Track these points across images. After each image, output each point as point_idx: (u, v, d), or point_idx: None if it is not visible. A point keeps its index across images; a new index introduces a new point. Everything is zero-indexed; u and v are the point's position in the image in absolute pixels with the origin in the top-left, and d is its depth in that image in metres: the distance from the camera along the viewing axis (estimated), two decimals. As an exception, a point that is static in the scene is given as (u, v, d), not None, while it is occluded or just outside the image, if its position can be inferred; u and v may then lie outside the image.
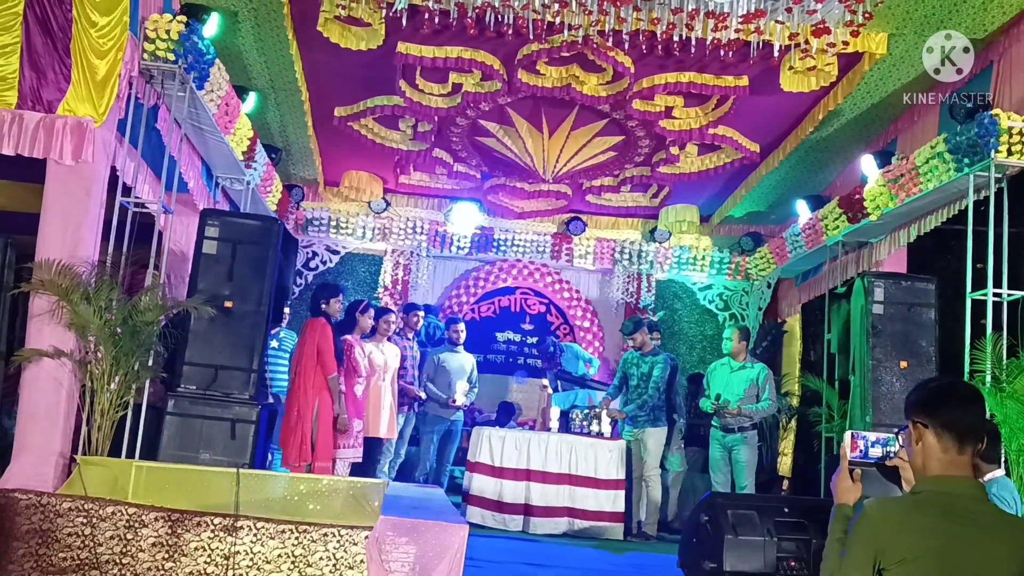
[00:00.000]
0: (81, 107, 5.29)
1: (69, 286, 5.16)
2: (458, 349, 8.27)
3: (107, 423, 5.34)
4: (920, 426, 2.16)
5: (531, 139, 8.48)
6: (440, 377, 8.02)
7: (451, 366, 8.12)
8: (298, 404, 6.41)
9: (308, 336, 6.53)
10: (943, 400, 2.19)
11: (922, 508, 2.06)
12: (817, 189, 9.00)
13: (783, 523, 4.01)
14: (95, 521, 4.68)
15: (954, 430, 2.13)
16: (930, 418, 2.16)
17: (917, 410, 2.19)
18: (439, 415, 7.96)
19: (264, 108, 7.97)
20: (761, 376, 7.12)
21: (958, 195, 6.55)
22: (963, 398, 2.20)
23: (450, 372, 8.06)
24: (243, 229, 6.09)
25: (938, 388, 2.24)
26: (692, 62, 6.76)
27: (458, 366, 8.16)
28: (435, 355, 8.19)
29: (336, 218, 10.43)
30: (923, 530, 2.02)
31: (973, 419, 2.17)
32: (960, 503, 2.07)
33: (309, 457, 6.39)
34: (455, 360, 8.20)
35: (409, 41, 6.77)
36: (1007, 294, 5.82)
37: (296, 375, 6.51)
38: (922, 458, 2.16)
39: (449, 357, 8.17)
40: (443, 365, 8.10)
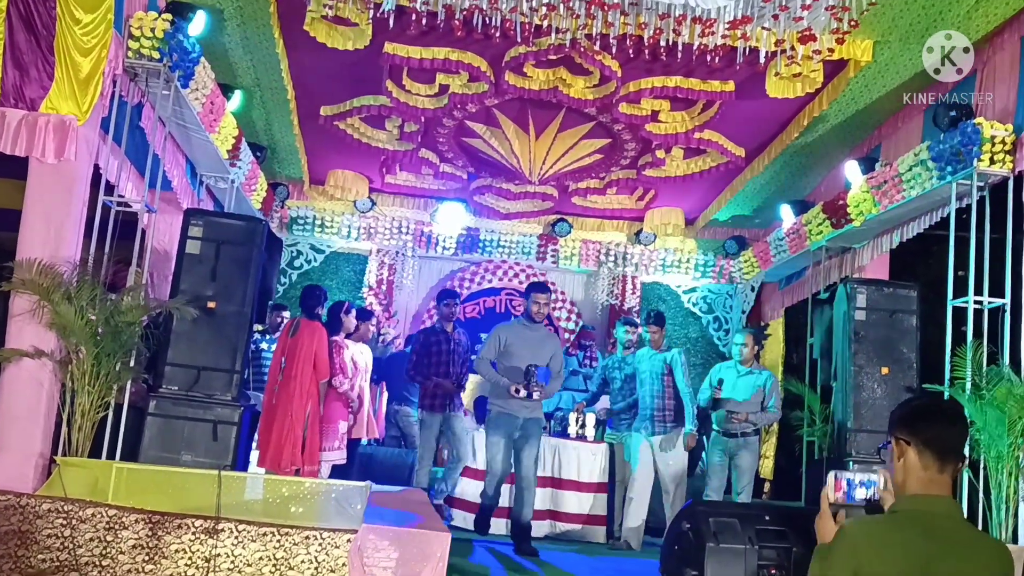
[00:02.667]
0: (64, 105, 5.25)
1: (50, 286, 5.12)
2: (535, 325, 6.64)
3: (88, 424, 5.30)
4: (903, 443, 2.18)
5: (518, 141, 8.48)
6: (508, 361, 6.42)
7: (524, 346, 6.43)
8: (292, 408, 6.46)
9: (306, 339, 6.60)
10: (926, 418, 2.21)
11: (901, 527, 2.08)
12: (801, 194, 9.05)
13: (765, 531, 4.03)
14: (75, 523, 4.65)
15: (935, 448, 2.15)
16: (913, 435, 2.17)
17: (900, 427, 2.21)
18: (508, 412, 6.40)
19: (249, 106, 7.93)
20: (768, 383, 6.99)
21: (941, 202, 6.61)
22: (946, 417, 2.22)
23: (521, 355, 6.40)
24: (227, 229, 6.04)
25: (922, 406, 2.27)
26: (679, 67, 6.78)
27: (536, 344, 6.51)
28: (501, 332, 6.56)
29: (321, 217, 10.39)
30: (902, 549, 2.03)
31: (954, 438, 2.19)
32: (938, 522, 2.09)
33: (299, 461, 6.42)
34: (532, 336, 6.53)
35: (396, 41, 6.75)
36: (987, 302, 5.87)
37: (290, 378, 6.54)
38: (903, 475, 2.18)
39: (523, 332, 6.50)
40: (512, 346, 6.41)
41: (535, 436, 6.47)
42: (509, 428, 6.36)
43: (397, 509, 4.64)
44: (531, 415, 6.40)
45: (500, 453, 6.37)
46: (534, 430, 6.45)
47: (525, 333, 6.50)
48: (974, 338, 5.73)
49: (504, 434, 6.37)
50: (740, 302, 10.81)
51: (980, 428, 5.38)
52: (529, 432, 6.41)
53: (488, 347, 6.53)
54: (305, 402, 6.52)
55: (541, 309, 6.56)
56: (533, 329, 6.53)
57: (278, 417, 6.55)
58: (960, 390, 5.54)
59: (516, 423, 6.36)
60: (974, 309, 5.88)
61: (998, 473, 5.28)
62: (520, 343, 6.41)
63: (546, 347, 6.52)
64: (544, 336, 6.64)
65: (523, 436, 6.39)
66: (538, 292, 6.68)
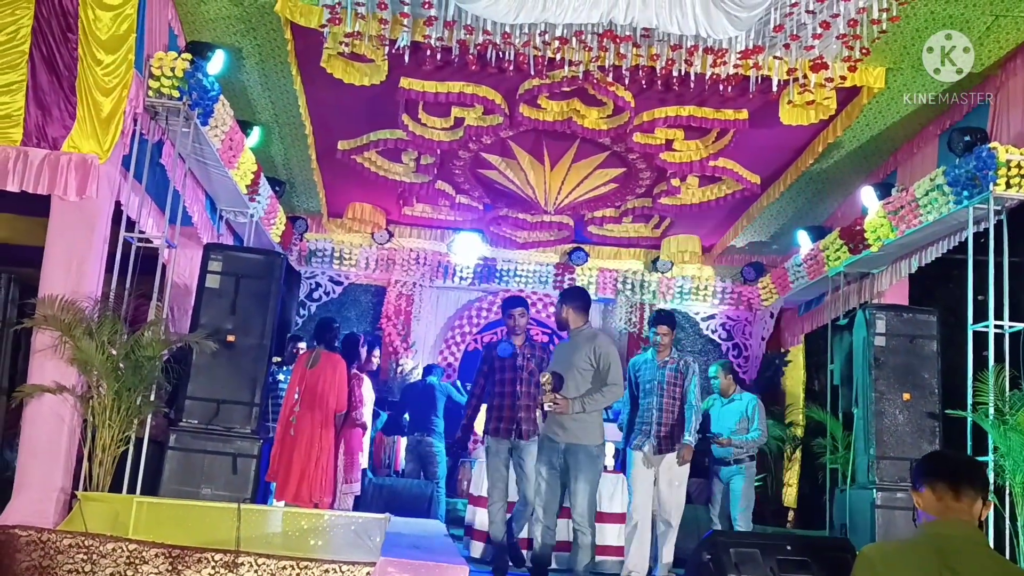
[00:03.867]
0: (86, 144, 5.35)
1: (72, 321, 5.18)
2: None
3: (108, 458, 5.34)
4: (918, 490, 2.29)
5: (533, 171, 8.54)
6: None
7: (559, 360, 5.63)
8: (315, 439, 6.57)
9: (328, 371, 6.70)
10: (930, 458, 2.36)
11: (916, 549, 2.12)
12: (818, 220, 9.03)
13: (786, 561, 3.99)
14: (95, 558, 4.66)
15: (945, 479, 2.23)
16: (922, 476, 2.29)
17: (914, 478, 2.34)
18: (547, 434, 5.49)
19: (268, 142, 8.05)
20: (750, 407, 7.07)
21: (958, 227, 6.58)
22: (948, 455, 2.39)
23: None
24: (246, 263, 6.12)
25: (928, 455, 2.43)
26: (692, 96, 6.83)
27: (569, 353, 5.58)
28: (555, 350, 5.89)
29: (339, 249, 10.48)
30: (917, 568, 2.05)
31: (962, 465, 2.28)
32: (954, 544, 2.12)
33: (320, 493, 6.54)
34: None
35: (412, 76, 6.85)
36: (1008, 326, 5.82)
37: (312, 409, 6.63)
38: (924, 516, 2.26)
39: (560, 346, 5.82)
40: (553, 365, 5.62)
41: (582, 468, 5.22)
42: (549, 454, 5.33)
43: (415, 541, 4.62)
44: (574, 440, 5.24)
45: (544, 483, 5.35)
46: (580, 459, 5.23)
47: (562, 346, 5.72)
48: (996, 363, 5.68)
49: (545, 461, 5.36)
50: (759, 328, 10.75)
51: (1005, 454, 5.31)
52: (572, 461, 5.25)
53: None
54: (328, 433, 6.63)
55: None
56: (570, 338, 5.61)
57: (300, 449, 6.58)
58: (983, 415, 5.48)
59: (556, 449, 5.31)
60: (995, 333, 5.83)
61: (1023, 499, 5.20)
62: (556, 358, 5.62)
63: (579, 355, 5.37)
64: (579, 343, 5.46)
65: (567, 467, 5.28)
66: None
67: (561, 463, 5.30)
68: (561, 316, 5.69)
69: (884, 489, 6.03)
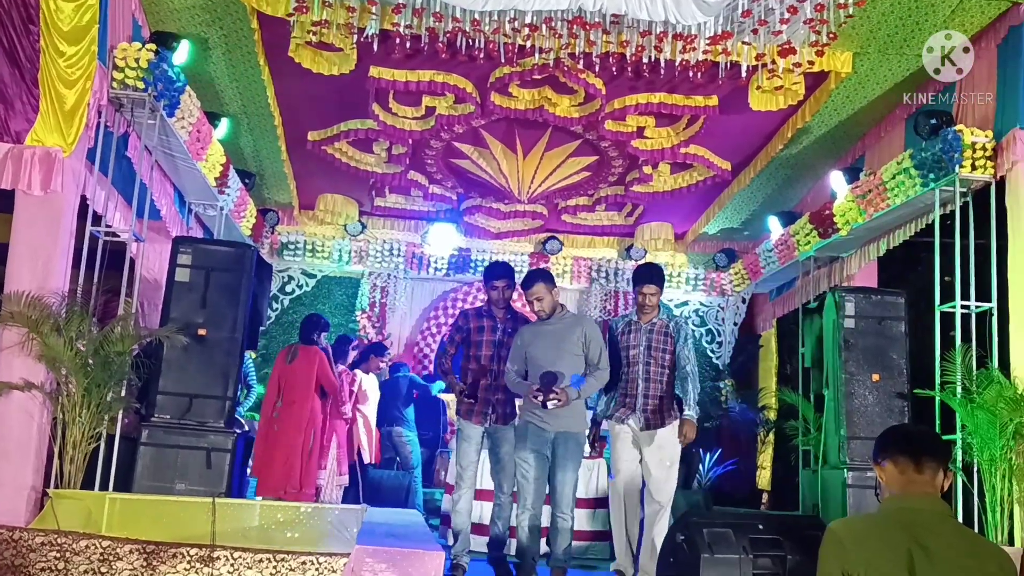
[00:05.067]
0: (50, 137, 5.27)
1: (39, 318, 5.11)
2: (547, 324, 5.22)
3: (80, 455, 5.28)
4: (880, 464, 2.32)
5: (505, 160, 8.53)
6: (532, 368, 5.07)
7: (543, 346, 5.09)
8: (296, 434, 6.70)
9: (305, 365, 6.85)
10: (891, 432, 2.40)
11: (883, 523, 2.13)
12: (788, 205, 9.11)
13: (759, 540, 4.04)
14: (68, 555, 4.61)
15: (906, 451, 2.27)
16: (884, 450, 2.33)
17: (875, 453, 2.37)
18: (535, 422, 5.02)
19: (237, 133, 7.96)
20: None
21: (925, 209, 6.67)
22: (908, 428, 2.50)
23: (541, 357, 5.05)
24: (216, 256, 6.07)
25: (886, 430, 2.48)
26: (662, 83, 6.84)
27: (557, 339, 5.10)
28: (520, 335, 5.19)
29: (312, 242, 10.41)
30: (882, 543, 2.07)
31: (922, 437, 2.32)
32: (922, 518, 2.13)
33: (299, 486, 6.69)
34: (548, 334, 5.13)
35: (381, 65, 6.80)
36: (975, 306, 5.92)
37: (291, 403, 6.78)
38: (887, 489, 2.29)
39: (539, 329, 5.16)
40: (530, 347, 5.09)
41: (571, 456, 5.00)
42: (537, 443, 4.99)
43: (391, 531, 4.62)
44: (564, 427, 4.97)
45: (532, 472, 4.97)
46: (569, 448, 4.98)
47: (541, 329, 5.12)
48: (963, 342, 5.77)
49: (532, 449, 5.00)
50: (732, 314, 10.84)
51: (972, 431, 5.40)
52: (561, 450, 4.98)
53: (512, 357, 5.16)
54: (309, 427, 6.75)
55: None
56: (551, 323, 5.12)
57: (281, 444, 6.70)
58: (951, 394, 5.57)
59: (545, 437, 4.98)
60: (962, 314, 5.92)
61: (991, 476, 5.29)
62: (538, 343, 5.05)
63: (570, 339, 5.04)
64: (566, 327, 5.11)
65: (554, 455, 5.00)
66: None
67: (548, 451, 4.99)
68: (552, 300, 5.19)
69: (855, 468, 6.11)
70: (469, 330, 5.45)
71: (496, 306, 5.46)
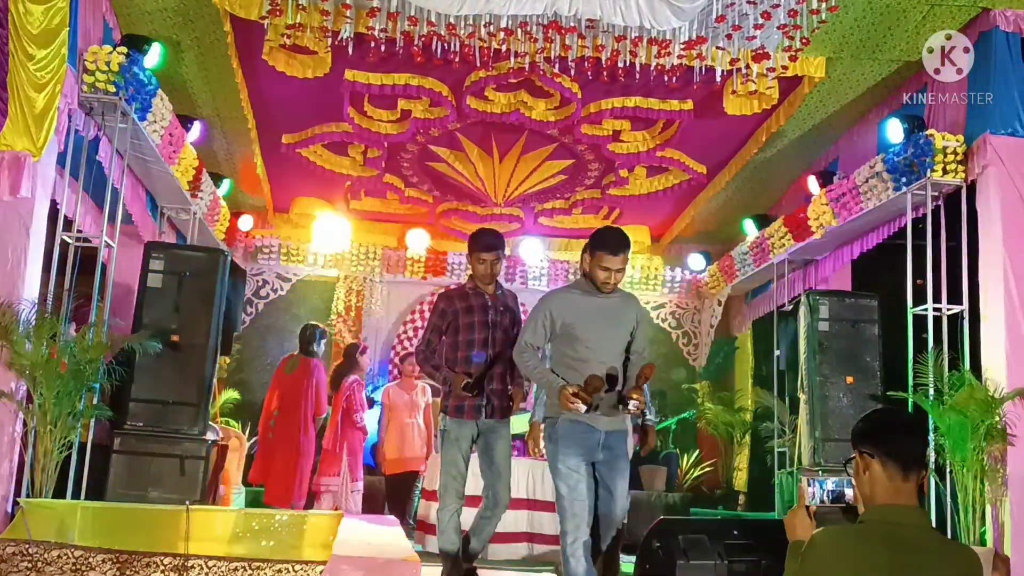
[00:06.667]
0: (19, 141, 5.17)
1: (9, 325, 5.03)
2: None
3: (51, 464, 5.20)
4: (866, 456, 2.22)
5: (482, 164, 8.52)
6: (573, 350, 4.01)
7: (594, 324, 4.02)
8: (295, 443, 6.86)
9: (305, 377, 7.01)
10: (887, 430, 2.25)
11: (868, 537, 2.10)
12: (764, 208, 9.18)
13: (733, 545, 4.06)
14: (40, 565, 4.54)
15: (898, 459, 2.19)
16: (875, 447, 2.21)
17: (863, 440, 2.24)
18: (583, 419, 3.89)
19: (210, 137, 7.89)
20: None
21: (897, 213, 6.74)
22: (906, 427, 2.28)
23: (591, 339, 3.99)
24: (189, 261, 6.02)
25: (883, 418, 2.32)
26: (637, 87, 6.87)
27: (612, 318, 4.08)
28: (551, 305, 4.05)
29: (287, 245, 10.33)
30: (865, 560, 2.05)
31: (916, 447, 2.24)
32: (905, 532, 2.11)
33: (301, 495, 6.87)
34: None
35: (356, 68, 6.77)
36: (947, 308, 5.98)
37: (289, 413, 6.95)
38: (869, 487, 2.21)
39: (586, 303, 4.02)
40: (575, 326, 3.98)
41: (627, 459, 4.02)
42: (587, 444, 3.87)
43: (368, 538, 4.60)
44: (618, 425, 3.97)
45: (583, 484, 3.81)
46: (626, 449, 4.03)
47: (594, 303, 3.98)
48: (935, 345, 5.83)
49: (581, 453, 3.86)
50: (708, 316, 10.90)
51: (944, 433, 5.46)
52: (616, 452, 3.95)
53: (532, 328, 4.02)
54: (307, 437, 6.93)
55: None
56: (606, 296, 3.99)
57: (279, 452, 6.90)
58: (923, 396, 5.62)
59: (595, 438, 3.88)
60: (934, 316, 5.99)
61: (963, 477, 5.35)
62: (586, 320, 3.94)
63: (623, 321, 4.03)
64: (622, 304, 4.07)
65: (607, 461, 3.92)
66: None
67: (601, 455, 3.89)
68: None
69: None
70: (456, 313, 4.59)
71: (482, 282, 4.62)
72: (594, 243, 3.99)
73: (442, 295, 4.80)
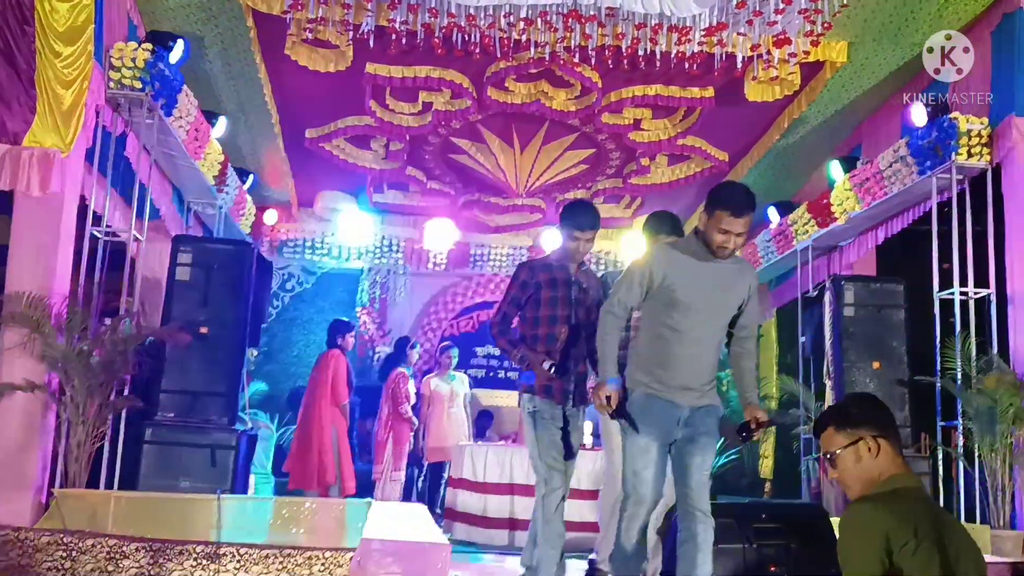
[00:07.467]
0: (48, 138, 5.27)
1: (40, 318, 5.12)
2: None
3: (84, 455, 5.29)
4: (877, 438, 2.27)
5: (503, 155, 8.53)
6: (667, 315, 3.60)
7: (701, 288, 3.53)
8: (315, 433, 7.07)
9: (323, 369, 7.20)
10: (882, 409, 2.35)
11: (904, 498, 2.17)
12: (787, 195, 9.12)
13: (762, 529, 4.06)
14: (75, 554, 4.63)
15: (896, 433, 2.31)
16: (881, 428, 2.29)
17: (869, 424, 2.29)
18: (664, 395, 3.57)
19: (235, 132, 7.96)
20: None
21: (922, 197, 6.68)
22: (885, 405, 2.38)
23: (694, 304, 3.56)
24: (216, 254, 6.09)
25: (870, 401, 2.40)
26: (658, 75, 6.85)
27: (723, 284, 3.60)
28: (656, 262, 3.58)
29: (311, 239, 10.42)
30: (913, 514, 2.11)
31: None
32: (923, 491, 2.24)
33: (324, 482, 7.00)
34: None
35: (377, 62, 6.81)
36: (973, 292, 5.94)
37: (309, 405, 7.18)
38: (877, 467, 2.25)
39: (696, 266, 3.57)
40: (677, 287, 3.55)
41: (711, 437, 3.55)
42: (666, 422, 3.48)
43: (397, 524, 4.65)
44: (703, 401, 3.55)
45: (651, 466, 3.46)
46: (709, 426, 3.55)
47: (698, 267, 3.52)
48: (962, 329, 5.79)
49: (657, 433, 3.48)
50: (731, 305, 10.84)
51: (972, 417, 5.43)
52: (700, 429, 3.52)
53: (627, 285, 3.57)
54: (328, 426, 7.07)
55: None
56: (715, 260, 3.52)
57: (298, 441, 7.24)
58: (951, 380, 5.59)
59: (675, 416, 3.49)
60: (960, 300, 5.94)
61: (992, 460, 5.32)
62: (689, 283, 3.50)
63: (736, 290, 3.59)
64: (737, 271, 3.61)
65: (688, 437, 3.50)
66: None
67: (681, 433, 3.49)
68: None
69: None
70: (538, 285, 4.16)
71: (570, 259, 4.21)
72: (714, 200, 3.46)
73: (523, 265, 4.33)
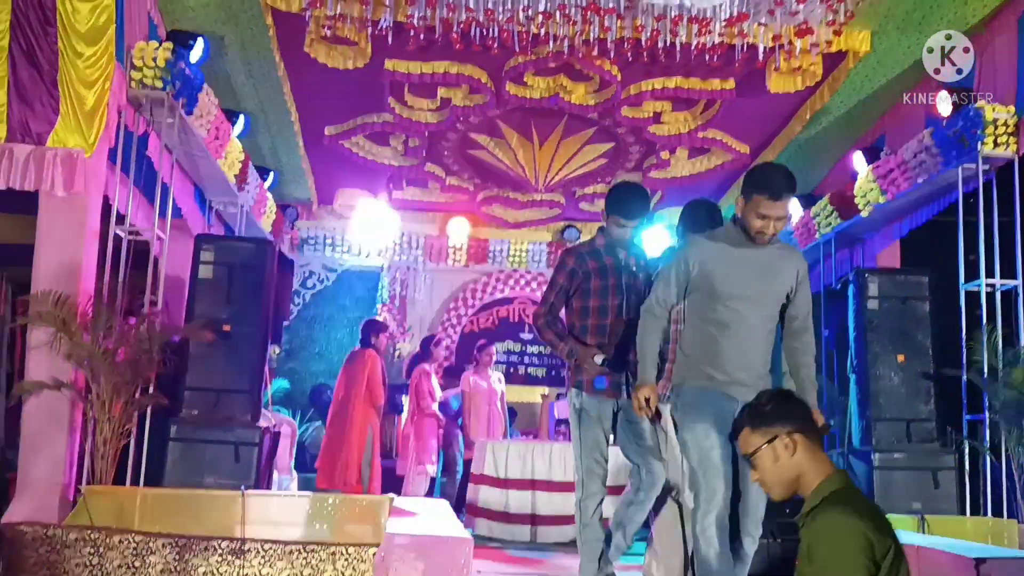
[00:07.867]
0: (71, 138, 5.31)
1: (66, 317, 5.17)
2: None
3: (110, 452, 5.34)
4: (792, 434, 2.14)
5: (522, 150, 8.52)
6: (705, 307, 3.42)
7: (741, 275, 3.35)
8: (344, 430, 7.17)
9: (359, 368, 7.30)
10: (796, 402, 2.21)
11: (863, 501, 2.09)
12: (809, 187, 9.03)
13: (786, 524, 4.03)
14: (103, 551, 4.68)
15: (812, 427, 2.18)
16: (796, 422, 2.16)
17: (783, 419, 2.15)
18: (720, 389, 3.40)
19: (255, 130, 8.00)
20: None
21: (947, 188, 6.60)
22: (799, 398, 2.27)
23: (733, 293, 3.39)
24: (238, 252, 6.13)
25: (787, 395, 2.26)
26: (678, 67, 6.80)
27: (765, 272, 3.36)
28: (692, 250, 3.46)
29: (331, 236, 10.46)
30: (883, 519, 2.05)
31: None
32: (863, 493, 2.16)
33: (356, 480, 7.13)
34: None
35: (396, 58, 6.81)
36: (1000, 284, 5.86)
37: (344, 404, 7.26)
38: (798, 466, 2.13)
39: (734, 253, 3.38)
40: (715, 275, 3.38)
41: None
42: (723, 410, 3.24)
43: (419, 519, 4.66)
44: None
45: (716, 448, 3.23)
46: None
47: (738, 255, 3.35)
48: (988, 321, 5.72)
49: (714, 419, 3.26)
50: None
51: (999, 410, 5.36)
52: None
53: (664, 282, 3.44)
54: (364, 426, 7.19)
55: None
56: (756, 247, 3.36)
57: (329, 439, 7.32)
58: (977, 373, 5.52)
59: (730, 408, 3.19)
60: (987, 292, 5.87)
61: (1019, 455, 5.26)
62: (730, 273, 3.34)
63: (781, 278, 3.40)
64: (782, 257, 3.43)
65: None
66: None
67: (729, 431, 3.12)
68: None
69: (881, 451, 6.08)
70: (587, 274, 3.96)
71: (620, 245, 4.05)
72: (750, 183, 3.26)
73: (569, 251, 4.10)
